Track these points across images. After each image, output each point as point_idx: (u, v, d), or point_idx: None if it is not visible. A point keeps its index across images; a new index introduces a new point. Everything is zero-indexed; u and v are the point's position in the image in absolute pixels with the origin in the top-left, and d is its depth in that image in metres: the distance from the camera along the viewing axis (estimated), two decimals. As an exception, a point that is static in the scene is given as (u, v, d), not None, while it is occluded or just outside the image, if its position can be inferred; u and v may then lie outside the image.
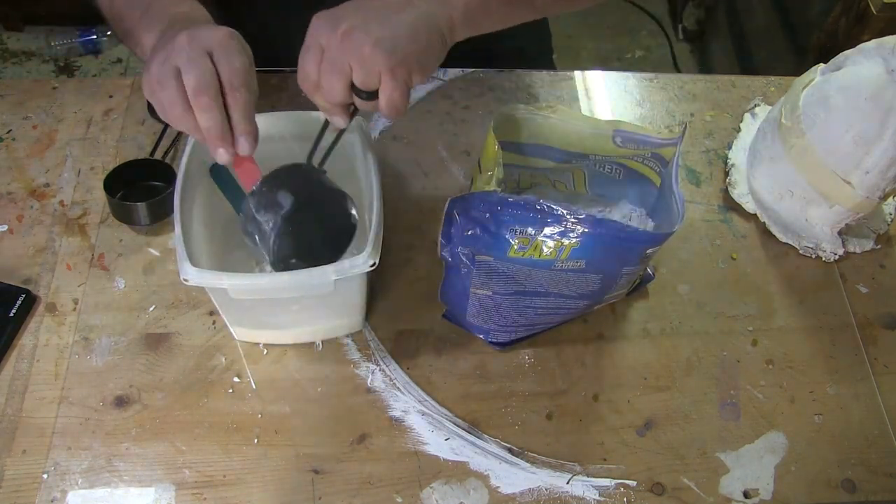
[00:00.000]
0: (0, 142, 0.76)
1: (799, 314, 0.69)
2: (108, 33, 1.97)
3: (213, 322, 0.66)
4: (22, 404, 0.61)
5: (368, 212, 0.58)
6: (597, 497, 0.59)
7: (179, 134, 0.77)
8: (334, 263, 0.54)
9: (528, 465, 0.60)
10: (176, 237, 0.54)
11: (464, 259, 0.56)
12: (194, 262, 0.53)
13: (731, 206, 0.76)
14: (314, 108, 0.55)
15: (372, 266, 0.54)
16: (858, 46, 0.67)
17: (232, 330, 0.64)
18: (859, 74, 0.64)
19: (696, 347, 0.67)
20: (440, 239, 0.56)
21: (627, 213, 0.69)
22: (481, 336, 0.65)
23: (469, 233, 0.55)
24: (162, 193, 0.69)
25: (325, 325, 0.64)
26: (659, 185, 0.65)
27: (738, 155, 0.78)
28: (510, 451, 0.61)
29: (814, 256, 0.72)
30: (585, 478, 0.60)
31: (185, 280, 0.53)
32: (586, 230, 0.53)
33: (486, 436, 0.61)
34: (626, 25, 2.12)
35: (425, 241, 0.71)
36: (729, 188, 0.76)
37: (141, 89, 0.78)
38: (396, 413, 0.62)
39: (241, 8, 0.79)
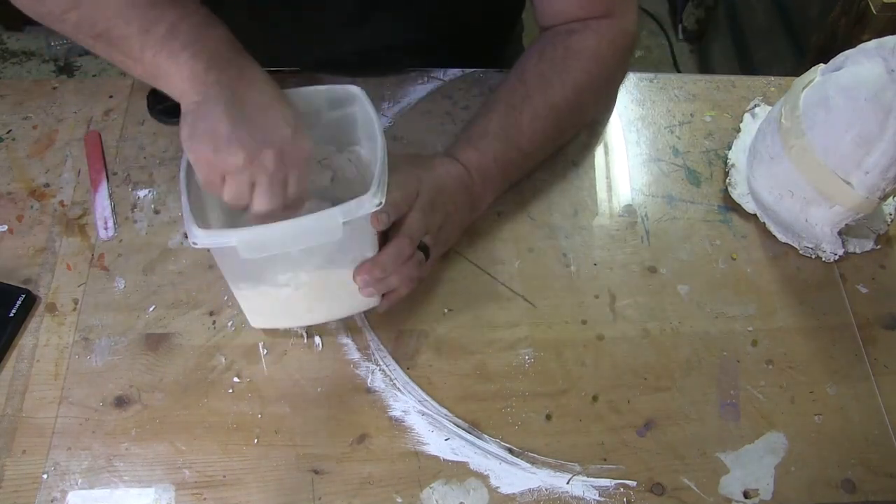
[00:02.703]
0: (0, 142, 0.76)
1: (799, 314, 0.69)
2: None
3: (213, 322, 0.66)
4: (22, 404, 0.61)
5: (373, 165, 0.57)
6: (597, 497, 0.59)
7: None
8: (340, 205, 0.52)
9: (528, 465, 0.60)
10: (182, 204, 0.52)
11: None
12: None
13: (731, 206, 0.76)
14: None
15: (378, 205, 0.52)
16: (858, 46, 0.67)
17: (248, 317, 0.63)
18: (859, 74, 0.64)
19: (696, 347, 0.67)
20: None
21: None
22: None
23: None
24: None
25: (340, 299, 0.62)
26: None
27: (738, 155, 0.78)
28: (510, 451, 0.61)
29: (814, 256, 0.72)
30: (585, 478, 0.60)
31: (195, 243, 0.51)
32: None
33: (486, 436, 0.61)
34: (626, 25, 2.12)
35: (425, 241, 0.71)
36: (729, 188, 0.76)
37: (141, 89, 0.79)
38: (396, 413, 0.62)
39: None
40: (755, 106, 0.82)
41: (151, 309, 0.66)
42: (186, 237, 0.70)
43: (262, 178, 0.51)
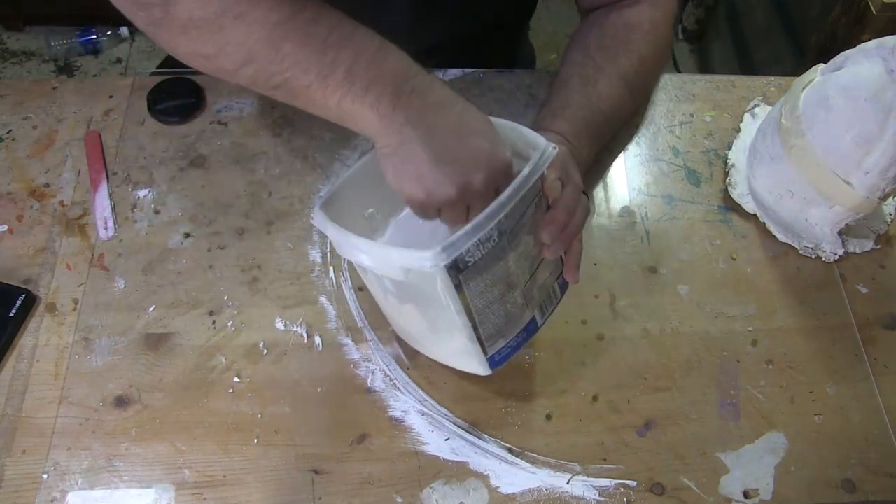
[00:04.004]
0: (0, 142, 0.76)
1: (799, 314, 0.69)
2: (108, 33, 1.97)
3: (213, 322, 0.66)
4: (22, 404, 0.61)
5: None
6: (597, 497, 0.59)
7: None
8: (404, 249, 0.50)
9: (528, 465, 0.60)
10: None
11: None
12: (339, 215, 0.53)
13: (731, 206, 0.76)
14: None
15: (432, 267, 0.47)
16: (858, 46, 0.67)
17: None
18: (859, 74, 0.64)
19: (696, 347, 0.67)
20: None
21: None
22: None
23: None
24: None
25: (434, 344, 0.60)
26: None
27: (738, 155, 0.78)
28: (510, 451, 0.61)
29: (814, 256, 0.72)
30: (585, 478, 0.60)
31: (311, 218, 0.54)
32: None
33: (486, 436, 0.61)
34: (626, 25, 2.12)
35: (425, 241, 0.71)
36: (729, 188, 0.76)
37: (141, 89, 0.79)
38: (396, 413, 0.62)
39: None
40: (755, 106, 0.82)
41: (151, 309, 0.66)
42: (186, 236, 0.70)
43: (476, 201, 0.52)
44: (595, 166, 0.77)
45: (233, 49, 0.49)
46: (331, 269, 0.69)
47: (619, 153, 0.79)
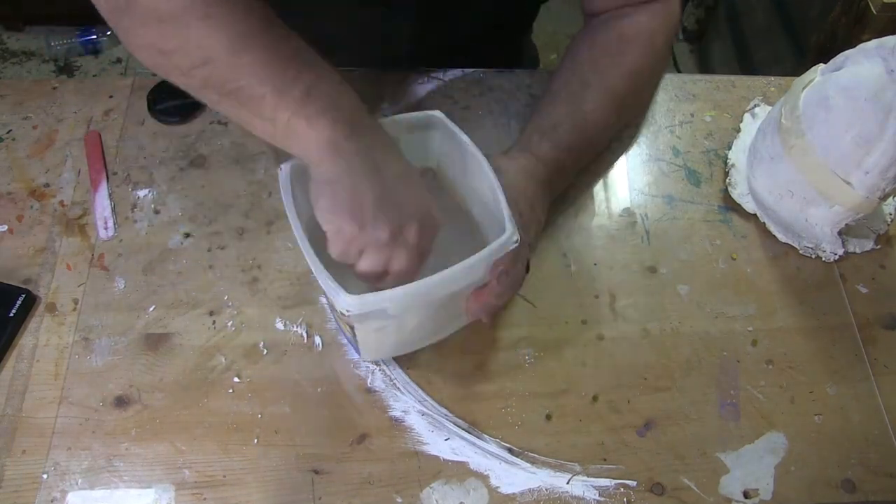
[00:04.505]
0: (0, 142, 0.76)
1: (799, 314, 0.69)
2: (108, 33, 1.97)
3: (213, 322, 0.66)
4: (22, 404, 0.61)
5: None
6: (597, 497, 0.59)
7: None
8: (487, 249, 0.51)
9: (528, 465, 0.60)
10: (321, 278, 0.51)
11: None
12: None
13: (731, 206, 0.76)
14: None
15: (516, 242, 0.53)
16: (858, 46, 0.67)
17: (363, 354, 0.62)
18: (859, 74, 0.64)
19: (696, 347, 0.67)
20: None
21: None
22: None
23: None
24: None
25: (443, 325, 0.62)
26: None
27: (738, 155, 0.78)
28: (510, 451, 0.61)
29: (814, 256, 0.72)
30: (585, 478, 0.60)
31: (348, 312, 0.50)
32: None
33: (486, 436, 0.61)
34: (626, 25, 2.12)
35: (425, 241, 0.71)
36: (729, 188, 0.76)
37: (141, 89, 0.79)
38: (396, 413, 0.62)
39: None
40: (755, 106, 0.82)
41: (151, 309, 0.66)
42: (186, 236, 0.70)
43: (403, 251, 0.50)
44: (595, 166, 0.77)
45: (192, 48, 0.48)
46: (331, 269, 0.69)
47: (620, 153, 0.79)
